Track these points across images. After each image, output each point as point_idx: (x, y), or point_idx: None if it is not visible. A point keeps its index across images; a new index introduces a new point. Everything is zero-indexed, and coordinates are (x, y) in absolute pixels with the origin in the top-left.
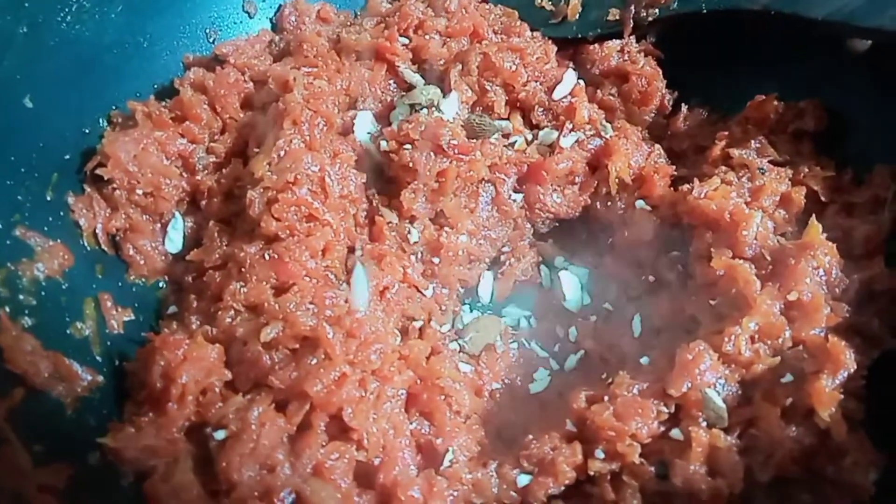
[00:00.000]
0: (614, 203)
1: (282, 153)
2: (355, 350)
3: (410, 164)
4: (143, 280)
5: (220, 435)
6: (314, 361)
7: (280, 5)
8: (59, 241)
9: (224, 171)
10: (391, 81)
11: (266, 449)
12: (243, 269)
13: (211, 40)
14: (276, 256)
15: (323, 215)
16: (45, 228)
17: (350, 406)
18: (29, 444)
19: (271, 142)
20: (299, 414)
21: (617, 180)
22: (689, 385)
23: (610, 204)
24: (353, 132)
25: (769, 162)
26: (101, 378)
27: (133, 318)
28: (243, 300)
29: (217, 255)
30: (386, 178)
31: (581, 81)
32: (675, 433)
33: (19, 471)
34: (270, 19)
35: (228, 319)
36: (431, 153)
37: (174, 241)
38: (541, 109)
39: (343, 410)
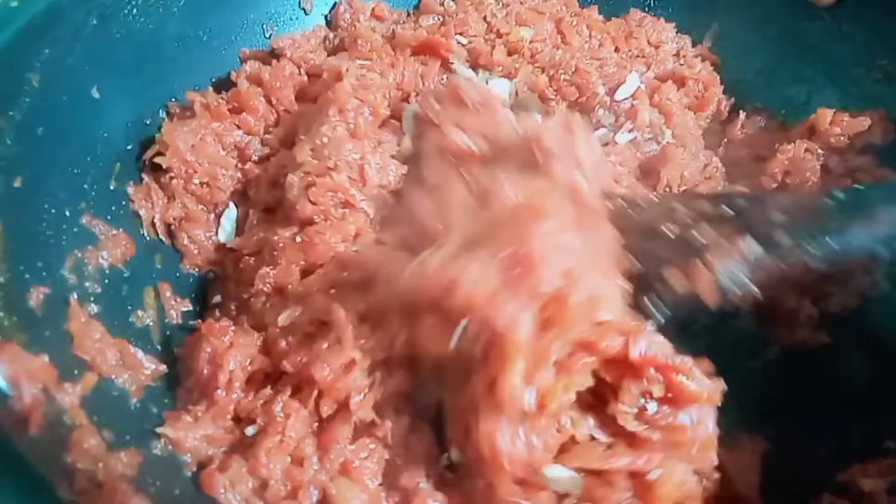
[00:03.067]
0: None
1: (325, 139)
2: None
3: None
4: (197, 269)
5: (250, 431)
6: (325, 345)
7: (335, 3)
8: (121, 229)
9: (272, 160)
10: (444, 77)
11: (293, 441)
12: (275, 253)
13: (267, 35)
14: (307, 239)
15: (359, 203)
16: (109, 217)
17: (357, 394)
18: (100, 430)
19: (315, 128)
20: (310, 400)
21: (667, 188)
22: None
23: None
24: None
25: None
26: (163, 367)
27: (191, 308)
28: (272, 283)
29: (253, 242)
30: None
31: (643, 85)
32: None
33: (94, 455)
34: (325, 16)
35: (259, 305)
36: None
37: (227, 231)
38: (601, 110)
39: (350, 398)
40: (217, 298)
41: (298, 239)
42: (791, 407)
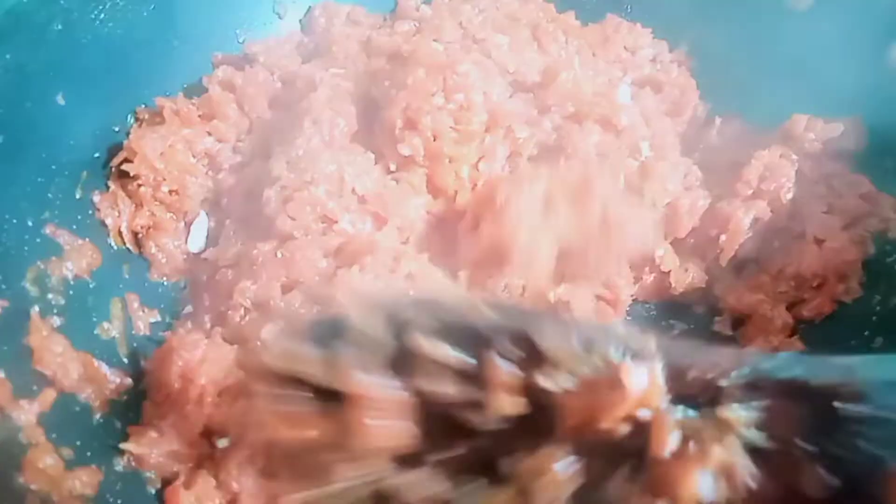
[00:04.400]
0: None
1: (300, 152)
2: None
3: None
4: (166, 279)
5: (222, 444)
6: None
7: (310, 7)
8: (87, 239)
9: (246, 170)
10: None
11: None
12: (255, 267)
13: (241, 41)
14: (287, 255)
15: (339, 216)
16: (74, 227)
17: None
18: (58, 448)
19: (290, 140)
20: None
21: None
22: None
23: None
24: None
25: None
26: (129, 381)
27: (160, 319)
28: (252, 298)
29: (231, 254)
30: None
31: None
32: None
33: (49, 476)
34: (300, 21)
35: (238, 319)
36: None
37: (197, 240)
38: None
39: None
40: (188, 309)
41: (279, 254)
42: None
